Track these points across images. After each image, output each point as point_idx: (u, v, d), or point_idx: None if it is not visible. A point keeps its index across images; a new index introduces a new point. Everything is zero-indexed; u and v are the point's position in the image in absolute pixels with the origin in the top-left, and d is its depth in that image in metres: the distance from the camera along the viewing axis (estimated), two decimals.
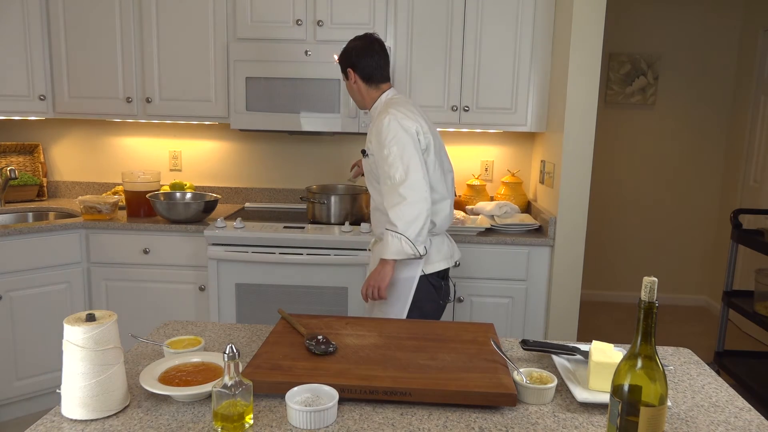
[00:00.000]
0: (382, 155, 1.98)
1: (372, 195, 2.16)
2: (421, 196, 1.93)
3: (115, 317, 1.10)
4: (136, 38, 2.99)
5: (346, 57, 2.14)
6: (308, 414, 1.04)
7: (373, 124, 2.08)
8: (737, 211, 3.31)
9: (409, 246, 1.92)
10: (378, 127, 2.00)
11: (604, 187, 4.66)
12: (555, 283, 2.74)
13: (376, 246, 2.20)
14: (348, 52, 2.14)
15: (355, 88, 2.15)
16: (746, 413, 1.17)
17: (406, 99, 2.16)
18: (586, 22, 2.60)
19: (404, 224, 1.91)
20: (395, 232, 1.92)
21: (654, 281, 0.92)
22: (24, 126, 3.42)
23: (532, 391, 1.17)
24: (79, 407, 1.07)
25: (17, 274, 2.68)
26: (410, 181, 1.92)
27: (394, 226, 1.92)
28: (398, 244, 1.92)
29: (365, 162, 2.14)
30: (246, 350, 1.41)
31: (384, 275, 1.97)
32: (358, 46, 2.12)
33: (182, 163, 3.43)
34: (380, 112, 2.07)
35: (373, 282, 1.98)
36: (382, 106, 2.11)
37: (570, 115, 2.66)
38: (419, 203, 1.92)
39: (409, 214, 1.91)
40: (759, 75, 4.21)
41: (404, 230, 1.91)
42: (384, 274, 1.97)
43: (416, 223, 1.91)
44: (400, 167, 1.94)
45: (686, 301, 4.80)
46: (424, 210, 1.93)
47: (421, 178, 1.94)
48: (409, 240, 1.92)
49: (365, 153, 2.12)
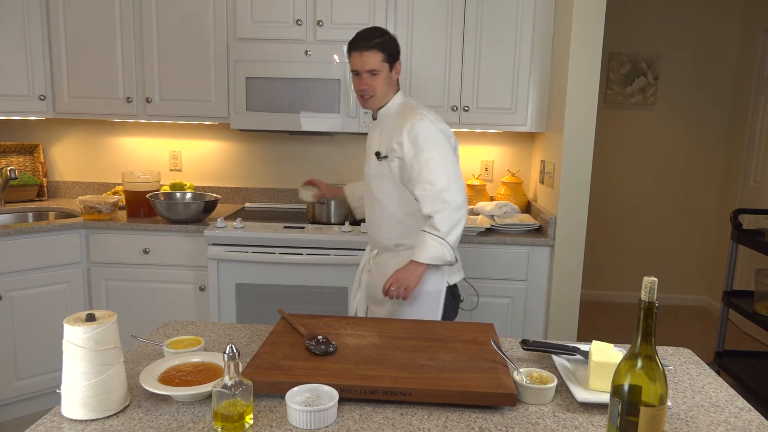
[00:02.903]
0: (420, 159, 1.90)
1: (382, 200, 2.04)
2: (463, 201, 1.91)
3: (115, 317, 1.10)
4: (136, 38, 2.99)
5: (396, 46, 2.02)
6: (308, 414, 1.04)
7: (395, 125, 1.98)
8: (737, 211, 3.31)
9: (449, 252, 1.89)
10: (414, 129, 1.92)
11: (604, 187, 4.66)
12: (555, 283, 2.74)
13: (381, 258, 2.10)
14: (396, 41, 2.02)
15: (389, 83, 2.01)
16: (746, 413, 1.17)
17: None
18: (586, 22, 2.60)
19: (447, 229, 1.87)
20: (438, 237, 1.87)
21: (654, 281, 0.92)
22: (24, 126, 3.42)
23: (532, 391, 1.17)
24: (79, 407, 1.07)
25: (17, 274, 2.68)
26: (453, 186, 1.89)
27: (437, 230, 1.87)
28: (439, 249, 1.87)
29: (377, 165, 2.02)
30: (246, 350, 1.41)
31: (415, 276, 1.90)
32: (395, 39, 2.03)
33: (182, 163, 3.43)
34: (407, 114, 1.97)
35: (403, 280, 1.89)
36: (400, 107, 2.03)
37: (570, 115, 2.66)
38: (461, 209, 1.90)
39: (452, 220, 1.88)
40: (759, 75, 4.21)
41: (446, 235, 1.87)
42: (416, 275, 1.90)
43: (456, 229, 1.90)
44: (443, 172, 1.89)
45: (686, 301, 4.80)
46: (463, 216, 1.91)
47: (462, 183, 1.93)
48: (450, 246, 1.89)
49: (380, 155, 2.00)
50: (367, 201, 2.13)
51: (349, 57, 2.00)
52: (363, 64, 1.95)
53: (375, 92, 1.99)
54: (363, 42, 1.96)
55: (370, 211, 2.11)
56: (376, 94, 1.99)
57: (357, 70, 1.98)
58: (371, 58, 1.95)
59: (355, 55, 1.97)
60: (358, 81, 2.00)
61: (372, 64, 1.95)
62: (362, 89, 1.99)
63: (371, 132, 2.13)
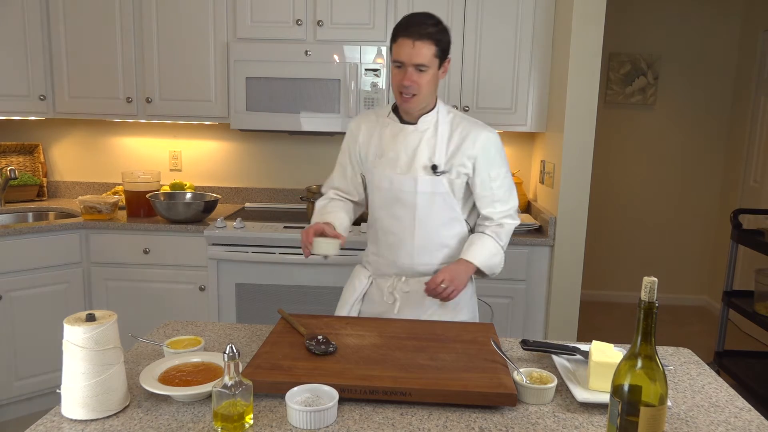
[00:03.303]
0: (492, 175, 1.75)
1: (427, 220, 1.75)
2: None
3: (115, 317, 1.10)
4: (136, 38, 2.99)
5: (449, 40, 1.71)
6: (308, 414, 1.04)
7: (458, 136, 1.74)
8: (737, 211, 3.31)
9: (500, 266, 1.79)
10: (488, 142, 1.75)
11: (604, 187, 4.66)
12: (555, 283, 2.74)
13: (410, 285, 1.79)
14: (449, 34, 1.72)
15: (435, 83, 1.71)
16: (746, 413, 1.17)
17: None
18: (586, 22, 2.60)
19: (505, 244, 1.80)
20: (500, 245, 1.77)
21: (654, 281, 0.92)
22: (24, 126, 3.42)
23: (532, 391, 1.17)
24: (79, 407, 1.07)
25: (17, 274, 2.68)
26: (518, 207, 1.85)
27: (500, 240, 1.78)
28: (495, 258, 1.76)
29: (431, 181, 1.72)
30: (246, 350, 1.40)
31: (467, 277, 1.70)
32: (447, 29, 1.72)
33: (182, 163, 3.43)
34: (468, 124, 1.77)
35: (457, 282, 1.66)
36: (451, 115, 1.79)
37: (570, 115, 2.66)
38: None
39: (509, 238, 1.83)
40: (759, 75, 4.21)
41: (503, 248, 1.80)
42: (467, 276, 1.70)
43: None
44: (512, 190, 1.81)
45: (686, 301, 4.80)
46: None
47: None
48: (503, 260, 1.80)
49: (437, 169, 1.72)
50: (392, 220, 1.78)
51: (393, 44, 1.67)
52: (412, 55, 1.63)
53: (420, 91, 1.67)
54: (417, 28, 1.63)
55: (398, 233, 1.77)
56: (420, 93, 1.68)
57: (402, 62, 1.65)
58: (423, 50, 1.64)
59: (404, 42, 1.64)
60: (400, 74, 1.66)
61: (423, 57, 1.64)
62: (405, 85, 1.66)
63: (400, 138, 1.77)
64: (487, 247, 1.74)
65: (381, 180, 1.77)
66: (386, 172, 1.75)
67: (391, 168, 1.75)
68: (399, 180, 1.74)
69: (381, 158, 1.77)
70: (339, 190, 1.93)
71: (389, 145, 1.77)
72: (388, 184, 1.75)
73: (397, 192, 1.75)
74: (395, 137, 1.77)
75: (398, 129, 1.78)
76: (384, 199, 1.78)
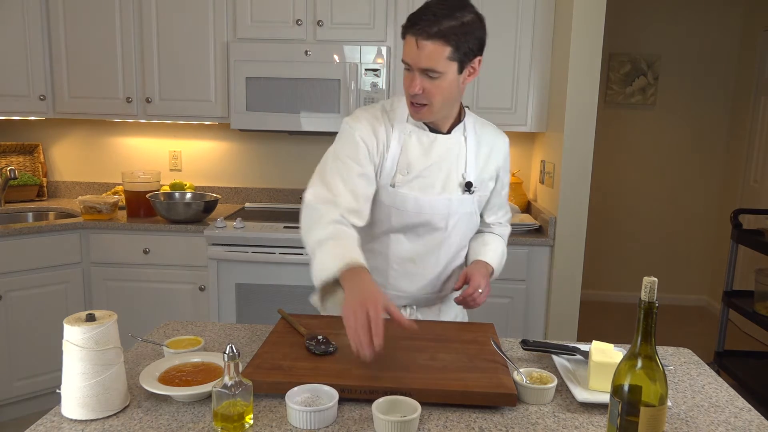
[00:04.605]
0: (506, 180, 1.64)
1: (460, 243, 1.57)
2: None
3: (115, 317, 1.10)
4: (136, 38, 2.99)
5: (478, 34, 1.36)
6: (308, 414, 1.04)
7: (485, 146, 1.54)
8: (737, 211, 3.31)
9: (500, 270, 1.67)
10: (507, 149, 1.60)
11: (604, 187, 4.66)
12: (555, 283, 2.74)
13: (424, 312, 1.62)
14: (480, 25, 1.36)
15: (456, 90, 1.40)
16: (746, 413, 1.17)
17: None
18: (586, 22, 2.60)
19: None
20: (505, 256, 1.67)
21: (654, 281, 0.92)
22: (24, 126, 3.42)
23: (532, 391, 1.17)
24: (79, 407, 1.07)
25: (17, 274, 2.68)
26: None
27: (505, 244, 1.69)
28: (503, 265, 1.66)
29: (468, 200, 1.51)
30: (246, 350, 1.40)
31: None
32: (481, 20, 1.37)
33: (182, 163, 3.43)
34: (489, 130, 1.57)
35: (489, 287, 1.52)
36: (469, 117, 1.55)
37: (570, 115, 2.66)
38: None
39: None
40: (759, 75, 4.21)
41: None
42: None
43: None
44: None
45: (686, 301, 4.80)
46: None
47: None
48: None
49: (471, 187, 1.50)
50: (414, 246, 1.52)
51: (403, 38, 1.37)
52: (417, 58, 1.32)
53: (431, 101, 1.37)
54: (424, 23, 1.30)
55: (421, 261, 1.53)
56: (431, 104, 1.38)
57: (408, 64, 1.36)
58: (431, 52, 1.31)
59: (409, 41, 1.34)
60: (408, 78, 1.38)
61: (431, 60, 1.31)
62: (411, 94, 1.37)
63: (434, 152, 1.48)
64: (500, 249, 1.63)
65: (405, 202, 1.46)
66: (413, 193, 1.46)
67: (422, 188, 1.46)
68: (430, 201, 1.46)
69: (407, 175, 1.46)
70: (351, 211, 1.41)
71: (419, 160, 1.47)
72: (416, 206, 1.46)
73: (426, 215, 1.47)
74: (427, 150, 1.47)
75: (429, 140, 1.48)
76: (403, 222, 1.49)
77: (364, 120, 1.48)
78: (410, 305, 1.59)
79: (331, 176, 1.43)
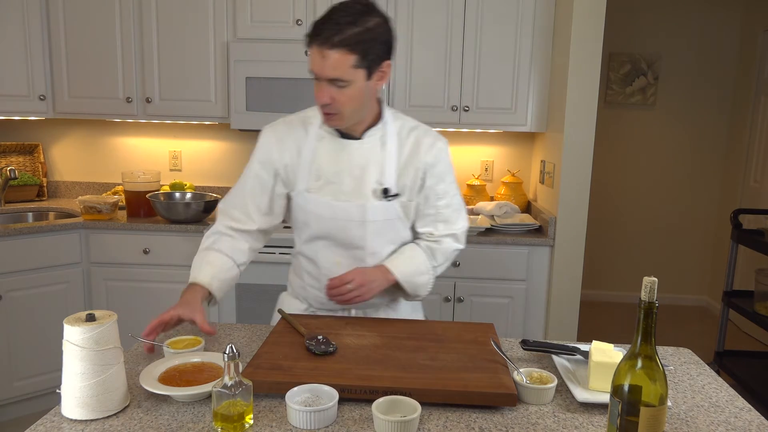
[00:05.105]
0: (440, 191, 1.52)
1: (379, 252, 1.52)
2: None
3: (115, 317, 1.10)
4: (136, 38, 2.99)
5: (384, 38, 1.35)
6: (308, 414, 1.04)
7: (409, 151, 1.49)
8: (737, 211, 3.31)
9: (427, 289, 1.57)
10: (440, 153, 1.50)
11: (604, 187, 4.66)
12: (555, 283, 2.74)
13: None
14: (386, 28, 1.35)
15: (366, 96, 1.39)
16: (746, 413, 1.17)
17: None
18: (586, 22, 2.60)
19: (439, 264, 1.56)
20: (431, 265, 1.55)
21: (654, 281, 0.92)
22: (24, 126, 3.42)
23: (532, 391, 1.16)
24: (79, 407, 1.06)
25: (17, 274, 2.68)
26: (466, 230, 1.61)
27: (434, 259, 1.55)
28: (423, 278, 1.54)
29: (383, 207, 1.48)
30: (246, 350, 1.40)
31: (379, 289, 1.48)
32: (386, 24, 1.36)
33: (182, 163, 3.43)
34: (417, 133, 1.51)
35: (366, 289, 1.46)
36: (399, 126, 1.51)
37: (570, 115, 2.66)
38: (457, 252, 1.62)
39: (448, 260, 1.59)
40: (759, 75, 4.21)
41: (436, 268, 1.57)
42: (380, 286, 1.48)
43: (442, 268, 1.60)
44: (461, 209, 1.58)
45: (686, 301, 4.80)
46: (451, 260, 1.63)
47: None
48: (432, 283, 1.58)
49: (389, 192, 1.47)
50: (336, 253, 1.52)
51: (308, 47, 1.35)
52: (322, 68, 1.32)
53: (341, 109, 1.37)
54: (327, 32, 1.29)
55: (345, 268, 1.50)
56: (341, 112, 1.37)
57: (315, 74, 1.35)
58: (336, 61, 1.30)
59: (313, 51, 1.32)
60: (317, 88, 1.37)
61: (336, 70, 1.31)
62: (321, 104, 1.37)
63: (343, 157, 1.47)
64: (416, 261, 1.50)
65: (319, 207, 1.47)
66: (326, 199, 1.46)
67: (334, 193, 1.46)
68: (344, 207, 1.46)
69: (318, 180, 1.47)
70: (238, 212, 1.53)
71: (329, 165, 1.47)
72: (330, 212, 1.47)
73: (341, 221, 1.47)
74: (336, 155, 1.47)
75: (339, 145, 1.47)
76: (324, 228, 1.49)
77: (274, 128, 1.54)
78: (349, 308, 1.58)
79: (236, 183, 1.56)
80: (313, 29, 1.32)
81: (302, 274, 1.61)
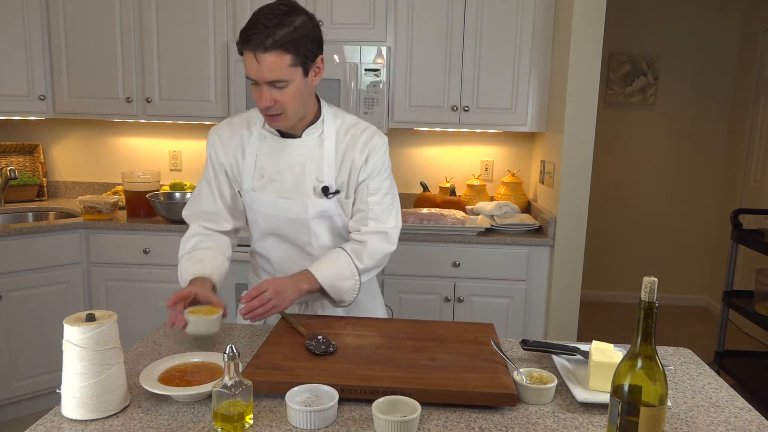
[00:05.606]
0: (372, 187, 1.52)
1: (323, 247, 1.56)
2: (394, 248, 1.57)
3: (115, 317, 1.10)
4: (136, 38, 2.99)
5: (313, 35, 1.38)
6: (308, 414, 1.04)
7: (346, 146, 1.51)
8: (737, 211, 3.31)
9: (352, 295, 1.52)
10: (374, 148, 1.51)
11: (604, 187, 4.66)
12: (555, 283, 2.74)
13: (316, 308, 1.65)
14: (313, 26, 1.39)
15: (305, 93, 1.42)
16: (746, 413, 1.17)
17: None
18: (586, 22, 2.60)
19: (366, 268, 1.51)
20: (357, 268, 1.50)
21: (654, 281, 0.92)
22: (24, 126, 3.42)
23: (532, 391, 1.17)
24: (79, 407, 1.07)
25: (17, 275, 2.68)
26: (398, 230, 1.56)
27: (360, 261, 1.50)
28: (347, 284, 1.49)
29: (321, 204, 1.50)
30: (246, 350, 1.40)
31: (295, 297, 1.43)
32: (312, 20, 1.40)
33: (182, 163, 3.43)
34: (355, 129, 1.53)
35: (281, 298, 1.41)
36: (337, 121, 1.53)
37: (570, 115, 2.66)
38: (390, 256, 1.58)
39: (378, 264, 1.54)
40: (759, 75, 4.21)
41: (362, 273, 1.51)
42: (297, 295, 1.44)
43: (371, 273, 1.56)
44: (394, 209, 1.56)
45: (686, 301, 4.80)
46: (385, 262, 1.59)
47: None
48: (359, 289, 1.52)
49: (329, 191, 1.49)
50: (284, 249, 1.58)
51: (241, 54, 1.37)
52: (260, 72, 1.34)
53: (285, 109, 1.39)
54: (258, 37, 1.31)
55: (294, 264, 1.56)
56: (286, 112, 1.40)
57: (253, 79, 1.37)
58: (272, 64, 1.33)
59: (248, 57, 1.34)
60: (257, 92, 1.38)
61: (274, 72, 1.34)
62: (264, 107, 1.39)
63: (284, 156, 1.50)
64: (339, 265, 1.47)
65: (264, 205, 1.52)
66: (270, 197, 1.51)
67: (277, 191, 1.50)
68: (287, 205, 1.50)
69: (262, 179, 1.51)
70: (210, 216, 1.59)
71: (270, 164, 1.51)
72: (274, 209, 1.52)
73: (286, 218, 1.52)
74: (277, 154, 1.51)
75: (280, 145, 1.50)
76: (271, 226, 1.55)
77: (218, 131, 1.57)
78: (303, 302, 1.62)
79: (195, 190, 1.63)
80: (243, 36, 1.34)
81: (259, 271, 1.68)
